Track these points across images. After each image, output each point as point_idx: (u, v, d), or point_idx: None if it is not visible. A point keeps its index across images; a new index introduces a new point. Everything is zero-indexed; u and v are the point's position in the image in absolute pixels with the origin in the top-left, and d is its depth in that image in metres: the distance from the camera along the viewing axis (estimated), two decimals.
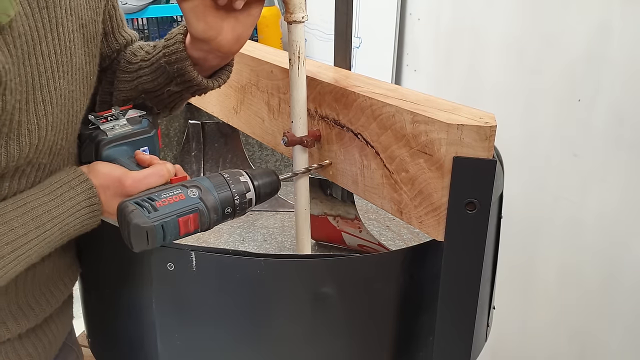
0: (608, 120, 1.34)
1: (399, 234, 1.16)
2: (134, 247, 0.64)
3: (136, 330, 0.80)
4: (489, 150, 0.64)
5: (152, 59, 0.79)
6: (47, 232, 0.63)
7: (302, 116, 0.81)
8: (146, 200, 0.64)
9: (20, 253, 0.61)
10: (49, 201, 0.63)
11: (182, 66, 0.75)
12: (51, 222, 0.63)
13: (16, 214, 0.61)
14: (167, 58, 0.75)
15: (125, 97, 0.81)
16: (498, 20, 1.56)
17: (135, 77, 0.80)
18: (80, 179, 0.66)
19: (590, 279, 1.46)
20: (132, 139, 0.77)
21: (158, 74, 0.78)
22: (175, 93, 0.80)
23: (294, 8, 0.76)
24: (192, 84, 0.77)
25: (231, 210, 0.68)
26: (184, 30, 0.75)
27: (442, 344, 0.72)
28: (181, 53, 0.74)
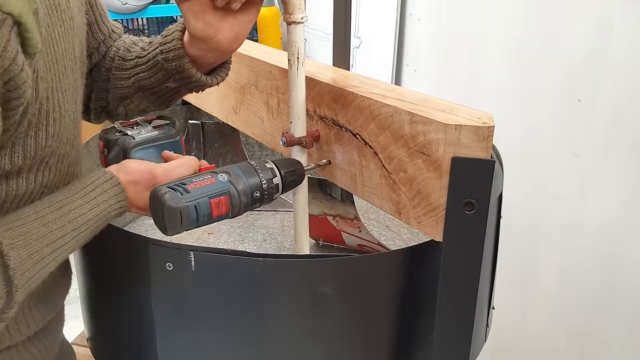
0: (608, 120, 1.34)
1: (399, 234, 1.16)
2: (168, 229, 0.65)
3: (135, 330, 0.80)
4: (487, 150, 0.64)
5: (148, 55, 0.79)
6: (81, 234, 0.64)
7: (301, 117, 0.81)
8: (178, 185, 0.66)
9: (59, 254, 0.62)
10: (84, 204, 0.65)
11: (181, 63, 0.75)
12: (86, 224, 0.65)
13: (54, 216, 0.62)
14: (164, 55, 0.76)
15: (122, 94, 0.81)
16: (498, 20, 1.56)
17: (133, 74, 0.80)
18: (112, 182, 0.68)
19: (590, 279, 1.46)
20: (159, 143, 0.81)
21: (156, 71, 0.78)
22: (174, 89, 0.80)
23: (293, 9, 0.76)
24: (190, 81, 0.78)
25: (259, 195, 0.71)
26: (182, 27, 0.75)
27: (441, 343, 0.72)
28: (179, 51, 0.74)
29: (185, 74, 0.76)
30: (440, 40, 1.76)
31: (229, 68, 0.81)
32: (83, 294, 0.91)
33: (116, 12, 2.38)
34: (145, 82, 0.79)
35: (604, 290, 1.43)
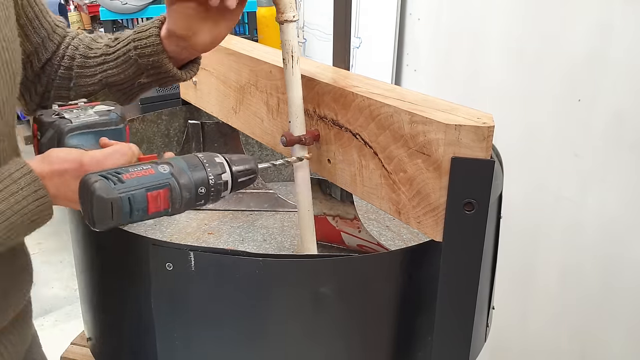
0: (608, 120, 1.34)
1: (399, 234, 1.16)
2: (97, 222, 0.57)
3: (135, 330, 0.80)
4: (487, 150, 0.64)
5: (117, 52, 0.79)
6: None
7: (299, 115, 0.82)
8: (112, 173, 0.58)
9: None
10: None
11: (158, 59, 0.76)
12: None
13: None
14: (139, 51, 0.76)
15: (87, 91, 0.80)
16: (498, 20, 1.56)
17: (100, 71, 0.79)
18: (23, 170, 0.61)
19: (590, 279, 1.46)
20: (98, 129, 0.72)
21: (127, 67, 0.78)
22: (144, 85, 0.80)
23: (284, 8, 0.77)
24: (165, 76, 0.79)
25: (205, 191, 0.63)
26: (158, 24, 0.76)
27: (440, 344, 0.72)
28: (157, 47, 0.76)
29: (161, 69, 0.77)
30: (440, 40, 1.76)
31: (199, 64, 0.83)
32: (83, 294, 0.91)
33: (116, 12, 2.38)
34: (114, 79, 0.79)
35: (605, 290, 1.43)
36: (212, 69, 1.12)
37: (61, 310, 2.41)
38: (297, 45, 0.80)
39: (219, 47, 1.06)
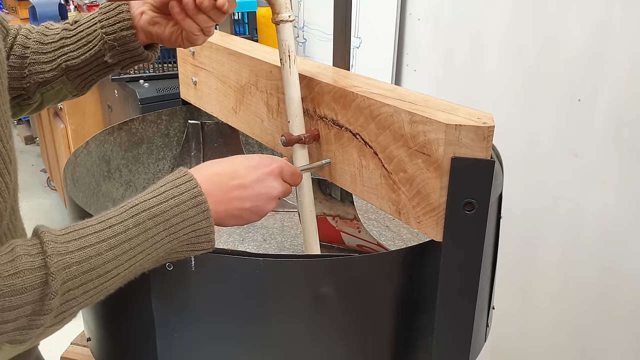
0: (608, 120, 1.34)
1: (399, 234, 1.16)
2: None
3: (135, 330, 0.80)
4: (487, 150, 0.64)
5: (79, 33, 0.78)
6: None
7: (298, 114, 0.82)
8: None
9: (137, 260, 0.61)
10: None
11: (127, 34, 0.77)
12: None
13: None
14: (108, 28, 0.77)
15: (43, 79, 0.79)
16: (498, 20, 1.56)
17: (59, 55, 0.78)
18: (185, 178, 0.65)
19: (590, 279, 1.46)
20: None
21: (89, 47, 0.78)
22: (105, 69, 0.80)
23: (279, 8, 0.78)
24: (131, 55, 0.79)
25: None
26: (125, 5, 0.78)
27: (441, 344, 0.72)
28: (126, 22, 0.77)
29: (128, 47, 0.78)
30: (440, 40, 1.76)
31: (159, 48, 0.85)
32: None
33: None
34: (75, 62, 0.78)
35: (605, 290, 1.43)
36: (212, 69, 1.12)
37: None
38: (293, 45, 0.80)
39: (219, 47, 1.07)
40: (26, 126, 4.46)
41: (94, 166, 1.10)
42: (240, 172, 0.68)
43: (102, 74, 0.82)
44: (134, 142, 1.23)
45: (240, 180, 0.67)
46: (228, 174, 0.67)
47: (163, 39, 0.80)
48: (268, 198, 0.69)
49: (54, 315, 0.56)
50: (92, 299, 0.59)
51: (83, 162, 1.05)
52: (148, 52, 0.81)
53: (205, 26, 0.78)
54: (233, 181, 0.67)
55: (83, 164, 1.05)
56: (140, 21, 0.78)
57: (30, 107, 0.83)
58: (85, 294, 0.58)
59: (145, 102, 2.20)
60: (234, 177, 0.67)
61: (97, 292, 0.59)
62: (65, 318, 0.58)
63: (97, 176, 1.11)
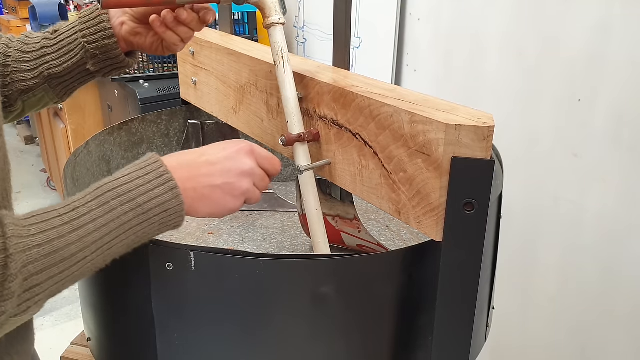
0: (608, 120, 1.34)
1: (399, 234, 1.16)
2: None
3: (135, 330, 0.80)
4: (487, 150, 0.64)
5: (61, 42, 0.79)
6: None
7: (296, 114, 0.82)
8: None
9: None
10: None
11: (109, 43, 0.78)
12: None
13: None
14: (89, 37, 0.78)
15: (25, 87, 0.80)
16: (498, 20, 1.56)
17: (41, 63, 0.79)
18: (151, 159, 0.63)
19: (590, 279, 1.46)
20: None
21: (71, 56, 0.79)
22: (87, 76, 0.81)
23: (269, 12, 0.81)
24: (113, 63, 0.80)
25: None
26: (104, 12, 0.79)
27: (441, 344, 0.72)
28: (107, 31, 0.78)
29: (110, 55, 0.79)
30: (440, 40, 1.76)
31: (139, 54, 0.87)
32: (83, 294, 0.91)
33: None
34: (56, 70, 0.79)
35: (604, 290, 1.43)
36: (212, 69, 1.12)
37: (61, 310, 2.41)
38: (286, 47, 0.82)
39: (219, 47, 1.07)
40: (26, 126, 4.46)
41: (94, 166, 1.10)
42: (207, 151, 0.67)
43: (83, 81, 0.83)
44: (134, 142, 1.23)
45: (207, 157, 0.65)
46: (195, 154, 0.66)
47: (144, 48, 0.82)
48: (239, 173, 0.66)
49: (16, 303, 0.53)
50: (58, 286, 0.57)
51: (83, 162, 1.05)
52: (129, 60, 0.83)
53: (185, 37, 0.80)
54: (200, 158, 0.65)
55: (83, 164, 1.05)
56: (122, 31, 0.80)
57: (11, 115, 0.83)
58: (50, 280, 0.55)
59: (145, 102, 2.20)
60: (202, 155, 0.66)
61: (63, 278, 0.57)
62: (31, 307, 0.55)
63: (97, 176, 1.11)
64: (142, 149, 1.25)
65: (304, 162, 0.84)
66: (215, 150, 0.67)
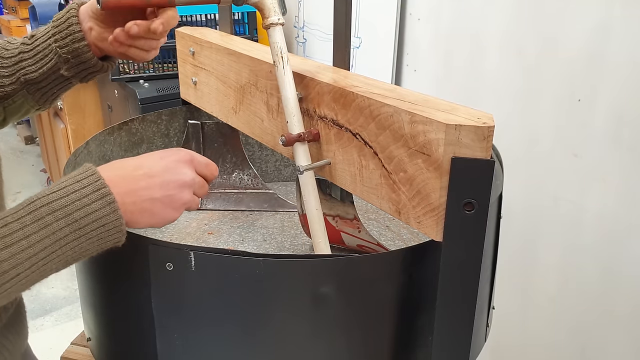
0: (608, 120, 1.34)
1: (399, 234, 1.16)
2: None
3: (135, 330, 0.80)
4: (487, 150, 0.64)
5: (36, 47, 0.79)
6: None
7: (296, 114, 0.82)
8: None
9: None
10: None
11: (79, 47, 0.77)
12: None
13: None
14: (60, 42, 0.77)
15: (4, 92, 0.80)
16: (498, 20, 1.56)
17: (18, 69, 0.79)
18: (88, 172, 0.61)
19: (590, 279, 1.46)
20: None
21: (45, 61, 0.78)
22: (63, 81, 0.80)
23: (268, 13, 0.81)
24: (86, 67, 0.79)
25: None
26: (75, 12, 0.78)
27: (441, 343, 0.72)
28: (77, 34, 0.77)
29: (81, 59, 0.78)
30: (440, 40, 1.76)
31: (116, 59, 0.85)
32: (83, 294, 0.91)
33: None
34: (32, 76, 0.79)
35: (604, 290, 1.43)
36: (212, 69, 1.12)
37: (61, 310, 2.41)
38: (285, 47, 0.82)
39: (219, 47, 1.07)
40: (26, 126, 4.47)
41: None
42: (145, 163, 0.65)
43: (62, 87, 0.82)
44: (134, 142, 1.23)
45: (145, 170, 0.64)
46: (133, 166, 0.64)
47: (115, 55, 0.81)
48: (179, 185, 0.65)
49: None
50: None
51: (83, 162, 1.04)
52: (104, 63, 0.82)
53: (149, 48, 0.78)
54: (138, 171, 0.63)
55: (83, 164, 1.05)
56: (91, 37, 0.79)
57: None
58: None
59: (145, 102, 2.20)
60: (140, 167, 0.64)
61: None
62: None
63: None
64: (142, 149, 1.25)
65: (304, 162, 0.84)
66: (154, 161, 0.65)
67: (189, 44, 1.18)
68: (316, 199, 0.84)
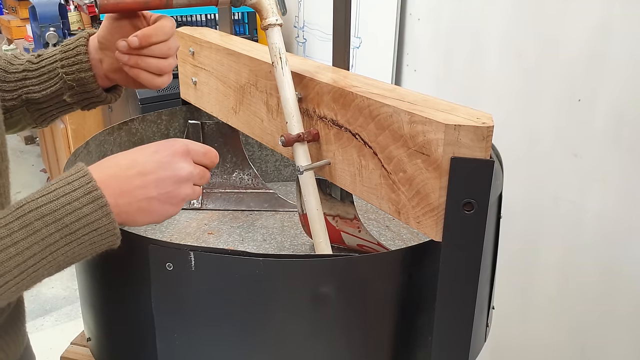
0: (608, 120, 1.34)
1: (399, 234, 1.16)
2: None
3: (135, 330, 0.80)
4: (487, 150, 0.64)
5: (41, 69, 0.78)
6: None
7: (295, 114, 0.83)
8: None
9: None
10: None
11: (85, 76, 0.77)
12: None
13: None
14: (67, 69, 0.77)
15: (4, 107, 0.79)
16: (498, 20, 1.56)
17: (20, 87, 0.78)
18: (80, 173, 0.59)
19: (590, 279, 1.46)
20: None
21: (50, 84, 0.78)
22: (65, 107, 0.80)
23: (266, 14, 0.82)
24: (90, 97, 0.79)
25: None
26: (85, 41, 0.77)
27: (440, 343, 0.72)
28: (84, 64, 0.76)
29: (86, 88, 0.78)
30: (440, 40, 1.76)
31: (122, 90, 0.84)
32: (83, 294, 0.91)
33: None
34: (35, 96, 0.78)
35: (604, 290, 1.43)
36: (212, 69, 1.12)
37: (61, 310, 2.41)
38: (283, 48, 0.83)
39: (219, 47, 1.07)
40: None
41: None
42: (138, 160, 0.62)
43: (62, 110, 0.82)
44: (134, 142, 1.23)
45: (139, 168, 0.61)
46: (126, 164, 0.62)
47: (128, 84, 0.80)
48: (176, 181, 0.62)
49: None
50: None
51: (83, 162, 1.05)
52: (108, 95, 0.81)
53: (158, 71, 0.75)
54: (131, 170, 0.61)
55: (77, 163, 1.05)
56: (102, 68, 0.79)
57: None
58: None
59: (145, 102, 2.21)
60: (133, 166, 0.61)
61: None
62: None
63: None
64: None
65: (304, 162, 0.84)
66: (147, 156, 0.63)
67: (189, 44, 1.18)
68: (316, 198, 0.84)
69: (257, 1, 0.82)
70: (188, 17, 2.28)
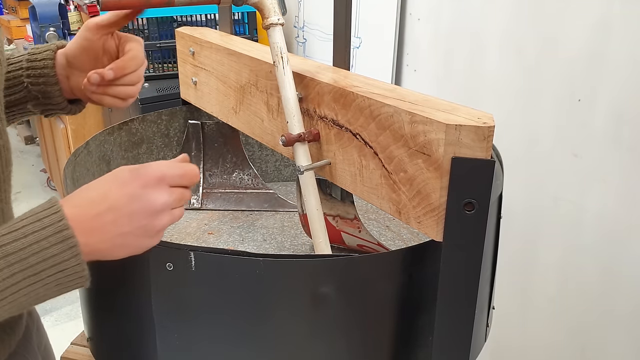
0: (608, 120, 1.34)
1: (399, 234, 1.16)
2: None
3: (135, 330, 0.80)
4: (487, 150, 0.64)
5: (7, 74, 0.76)
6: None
7: (296, 114, 0.83)
8: None
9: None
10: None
11: (51, 90, 0.76)
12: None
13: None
14: (32, 79, 0.76)
15: None
16: (498, 20, 1.56)
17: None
18: (52, 209, 0.55)
19: (590, 279, 1.46)
20: None
21: (15, 91, 0.77)
22: (28, 111, 0.79)
23: (268, 13, 0.82)
24: (54, 108, 0.78)
25: None
26: (52, 55, 0.76)
27: (441, 344, 0.72)
28: (51, 78, 0.75)
29: (52, 100, 0.77)
30: (440, 40, 1.76)
31: (85, 104, 0.83)
32: (83, 294, 0.91)
33: None
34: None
35: (604, 290, 1.43)
36: (212, 69, 1.12)
37: (61, 310, 2.41)
38: (285, 47, 0.83)
39: (219, 47, 1.07)
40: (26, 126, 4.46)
41: (94, 166, 1.10)
42: (111, 192, 0.58)
43: (23, 115, 0.81)
44: (134, 142, 1.23)
45: (110, 202, 0.58)
46: (99, 197, 0.58)
47: (90, 102, 0.80)
48: (150, 214, 0.58)
49: None
50: None
51: (83, 162, 1.05)
52: (72, 107, 0.80)
53: (125, 96, 0.76)
54: (102, 205, 0.57)
55: (83, 164, 1.05)
56: (68, 84, 0.78)
57: None
58: None
59: (145, 102, 2.20)
60: (104, 199, 0.58)
61: None
62: None
63: (97, 176, 1.10)
64: (142, 149, 1.25)
65: (304, 162, 0.84)
66: (118, 189, 0.59)
67: (189, 44, 1.18)
68: (317, 199, 0.84)
69: (258, 0, 0.82)
70: (188, 17, 2.28)
